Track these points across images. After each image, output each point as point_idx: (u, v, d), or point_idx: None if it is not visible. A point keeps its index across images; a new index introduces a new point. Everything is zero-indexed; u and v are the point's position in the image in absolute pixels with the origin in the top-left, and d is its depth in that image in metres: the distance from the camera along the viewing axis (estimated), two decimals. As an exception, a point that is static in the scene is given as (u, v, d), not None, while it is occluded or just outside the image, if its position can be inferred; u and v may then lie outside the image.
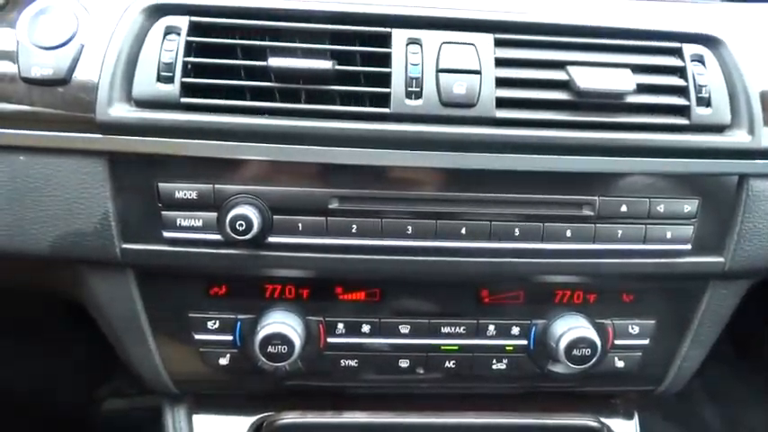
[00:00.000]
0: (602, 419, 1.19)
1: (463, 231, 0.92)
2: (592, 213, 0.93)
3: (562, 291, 1.02)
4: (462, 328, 1.02)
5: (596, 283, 1.02)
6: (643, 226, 0.95)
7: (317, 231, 0.91)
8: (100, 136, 0.86)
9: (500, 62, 0.89)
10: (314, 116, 0.87)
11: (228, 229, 0.87)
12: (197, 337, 1.00)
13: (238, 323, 0.99)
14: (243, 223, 0.86)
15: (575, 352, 0.98)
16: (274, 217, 0.90)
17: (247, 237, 0.87)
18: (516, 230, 0.93)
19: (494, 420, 1.17)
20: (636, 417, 1.21)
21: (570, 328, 0.99)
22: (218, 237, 0.90)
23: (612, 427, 1.20)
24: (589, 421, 1.19)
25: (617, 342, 1.05)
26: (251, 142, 0.86)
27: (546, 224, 0.93)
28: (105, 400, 1.68)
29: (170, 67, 0.85)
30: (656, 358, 1.09)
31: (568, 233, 0.94)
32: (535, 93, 0.89)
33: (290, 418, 1.13)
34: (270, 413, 1.13)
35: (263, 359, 0.95)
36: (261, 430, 1.13)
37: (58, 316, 1.49)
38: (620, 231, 0.95)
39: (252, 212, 0.87)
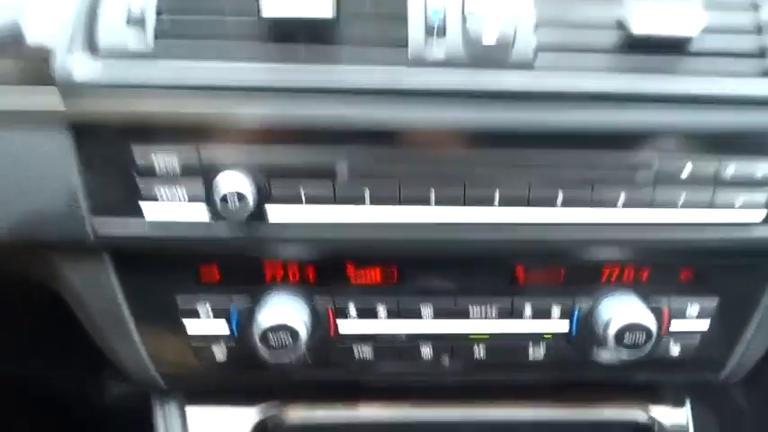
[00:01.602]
0: (651, 412, 1.17)
1: (496, 197, 0.85)
2: (649, 176, 0.86)
3: (611, 267, 0.96)
4: (494, 311, 0.97)
5: (651, 257, 0.96)
6: (710, 191, 0.87)
7: (323, 199, 0.84)
8: (60, 97, 0.79)
9: None
10: (316, 63, 0.80)
11: (217, 199, 0.80)
12: (187, 328, 0.96)
13: (234, 311, 0.95)
14: (235, 192, 0.79)
15: (626, 338, 0.92)
16: (272, 182, 0.83)
17: (240, 208, 0.80)
18: (560, 196, 0.86)
19: (528, 414, 1.14)
20: (689, 409, 1.18)
21: (621, 310, 0.93)
22: (205, 209, 0.84)
23: (662, 421, 1.17)
24: (636, 414, 1.16)
25: (673, 325, 0.99)
26: (241, 95, 0.80)
27: (595, 188, 0.86)
28: (94, 393, 1.69)
29: (140, 7, 0.78)
30: (717, 343, 1.03)
31: (621, 198, 0.86)
32: (581, 34, 0.82)
33: (298, 416, 1.10)
34: (274, 412, 1.11)
35: (264, 351, 0.91)
36: (266, 430, 1.11)
37: (44, 302, 1.45)
38: (681, 197, 0.87)
39: (245, 178, 0.80)
